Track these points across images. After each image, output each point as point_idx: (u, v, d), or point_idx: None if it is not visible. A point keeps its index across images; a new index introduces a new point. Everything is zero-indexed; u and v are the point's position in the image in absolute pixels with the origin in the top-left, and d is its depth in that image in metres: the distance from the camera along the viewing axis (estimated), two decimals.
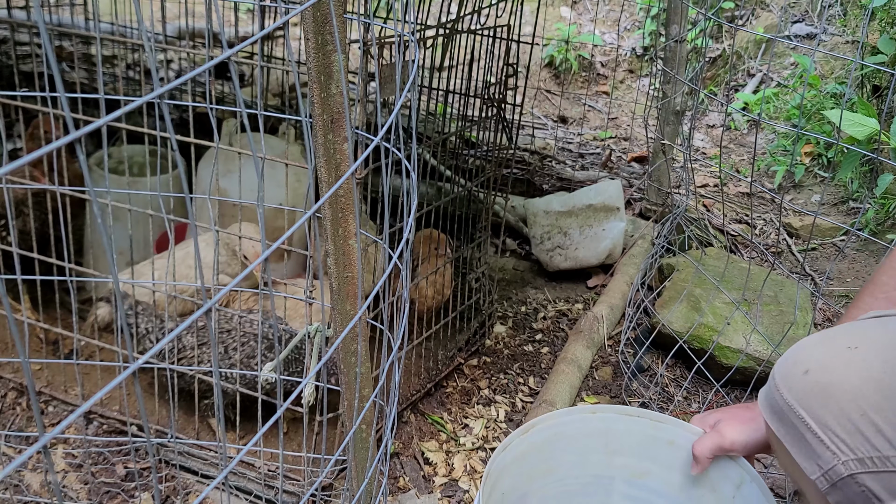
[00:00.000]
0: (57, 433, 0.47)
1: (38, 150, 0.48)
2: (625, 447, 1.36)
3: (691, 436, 1.29)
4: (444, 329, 2.06)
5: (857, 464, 0.91)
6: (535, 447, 1.32)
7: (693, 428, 1.30)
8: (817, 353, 0.98)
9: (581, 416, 1.35)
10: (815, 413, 0.94)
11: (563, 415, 1.34)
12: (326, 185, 1.12)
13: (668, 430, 1.32)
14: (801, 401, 0.95)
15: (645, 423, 1.34)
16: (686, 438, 1.30)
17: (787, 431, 0.98)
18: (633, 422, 1.34)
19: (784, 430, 0.98)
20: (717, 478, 1.28)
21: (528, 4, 2.52)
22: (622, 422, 1.35)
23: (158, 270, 1.85)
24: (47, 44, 0.49)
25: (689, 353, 2.13)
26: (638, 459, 1.36)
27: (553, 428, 1.33)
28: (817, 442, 0.94)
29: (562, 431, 1.34)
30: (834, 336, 1.00)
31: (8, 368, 1.94)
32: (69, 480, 1.68)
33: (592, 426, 1.35)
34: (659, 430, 1.33)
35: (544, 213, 2.61)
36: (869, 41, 3.38)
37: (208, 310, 0.57)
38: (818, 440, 0.94)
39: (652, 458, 1.35)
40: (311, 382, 1.56)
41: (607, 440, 1.36)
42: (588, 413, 1.35)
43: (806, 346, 1.01)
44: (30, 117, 2.12)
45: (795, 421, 0.96)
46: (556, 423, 1.33)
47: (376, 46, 1.38)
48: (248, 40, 0.68)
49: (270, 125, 2.73)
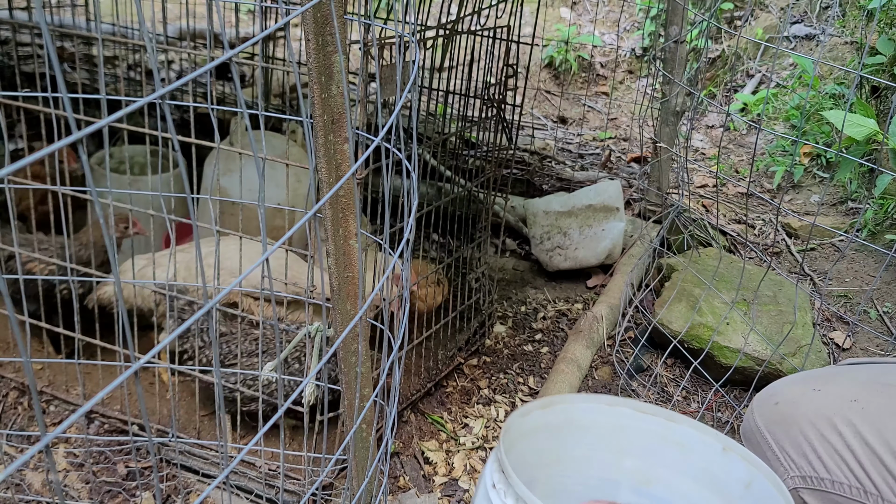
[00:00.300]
0: (59, 433, 0.47)
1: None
2: (634, 448, 1.35)
3: (703, 436, 1.29)
4: (444, 329, 2.06)
5: (800, 480, 1.12)
6: (551, 427, 1.32)
7: (707, 428, 1.30)
8: (790, 389, 1.22)
9: (598, 406, 1.35)
10: (776, 436, 1.16)
11: (582, 400, 1.35)
12: (327, 185, 1.12)
13: (679, 431, 1.32)
14: (768, 426, 1.19)
15: (658, 421, 1.33)
16: (697, 440, 1.29)
17: (754, 450, 1.19)
18: (646, 420, 1.34)
19: (751, 449, 1.21)
20: (724, 479, 1.27)
21: (527, 5, 2.52)
22: (635, 419, 1.34)
23: (161, 268, 1.86)
24: (49, 44, 0.50)
25: (687, 353, 2.13)
26: (646, 463, 1.35)
27: (570, 412, 1.33)
28: (775, 460, 1.16)
29: (577, 418, 1.34)
30: (809, 377, 1.23)
31: (10, 368, 1.94)
32: (70, 479, 1.68)
33: (606, 419, 1.35)
34: (670, 431, 1.33)
35: (544, 214, 2.62)
36: (868, 42, 3.39)
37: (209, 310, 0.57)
38: (776, 458, 1.15)
39: (660, 462, 1.34)
40: (311, 382, 1.56)
41: (618, 438, 1.35)
42: (605, 404, 1.35)
43: (785, 382, 1.25)
44: (31, 118, 2.13)
45: (761, 441, 1.19)
46: (573, 408, 1.33)
47: (377, 47, 1.39)
48: (249, 41, 0.68)
49: (271, 125, 2.74)
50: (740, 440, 1.94)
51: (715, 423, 2.03)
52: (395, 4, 1.04)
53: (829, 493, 1.07)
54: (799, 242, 2.99)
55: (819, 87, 3.70)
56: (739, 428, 1.29)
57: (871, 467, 1.03)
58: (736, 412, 2.04)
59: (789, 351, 2.09)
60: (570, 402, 1.33)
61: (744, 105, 4.04)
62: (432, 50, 1.92)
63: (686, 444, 1.31)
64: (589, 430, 1.35)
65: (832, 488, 1.07)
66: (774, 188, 3.38)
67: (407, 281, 1.02)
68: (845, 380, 1.16)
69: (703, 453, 1.31)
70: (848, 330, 2.41)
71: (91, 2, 3.03)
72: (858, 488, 1.04)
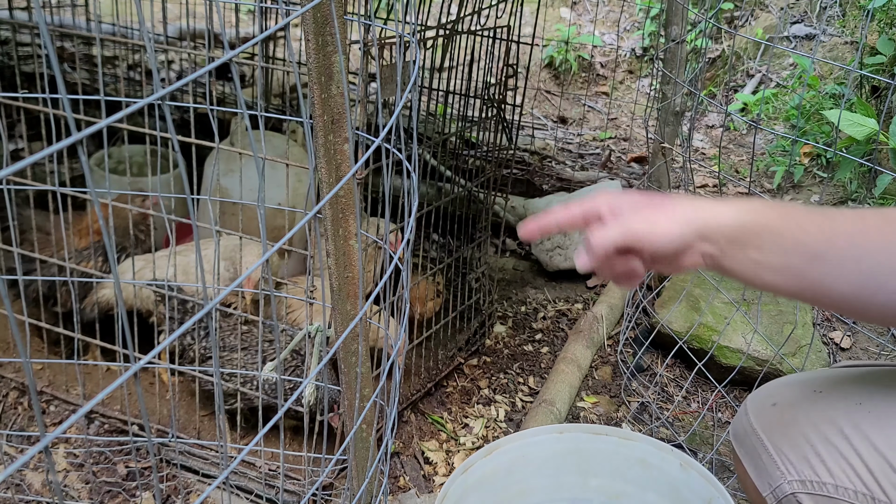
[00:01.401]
0: (59, 433, 0.47)
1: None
2: (598, 468, 1.35)
3: (660, 452, 1.30)
4: (445, 329, 2.06)
5: (799, 484, 1.06)
6: (502, 469, 1.31)
7: (663, 445, 1.31)
8: (787, 390, 1.15)
9: (549, 437, 1.34)
10: (773, 439, 1.10)
11: (530, 435, 1.33)
12: (327, 185, 1.12)
13: (637, 447, 1.33)
14: (765, 428, 1.12)
15: (613, 440, 1.33)
16: (657, 456, 1.31)
17: (747, 452, 1.14)
18: (602, 440, 1.34)
19: (744, 451, 1.14)
20: (686, 496, 1.28)
21: (527, 5, 2.52)
22: (591, 441, 1.34)
23: (161, 270, 1.86)
24: (49, 45, 0.50)
25: (689, 353, 2.13)
26: (612, 480, 1.36)
27: (519, 449, 1.32)
28: (771, 463, 1.09)
29: (530, 453, 1.33)
30: (805, 380, 1.17)
31: (10, 368, 1.94)
32: (70, 480, 1.68)
33: (562, 446, 1.34)
34: (629, 449, 1.33)
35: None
36: (868, 41, 3.39)
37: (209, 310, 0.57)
38: (773, 461, 1.09)
39: (625, 479, 1.35)
40: (311, 382, 1.56)
41: (579, 460, 1.35)
42: (555, 434, 1.34)
43: (780, 383, 1.19)
44: (31, 118, 2.13)
45: (756, 443, 1.12)
46: (522, 444, 1.32)
47: (377, 47, 1.39)
48: (249, 42, 0.68)
49: (271, 125, 2.74)
50: None
51: (715, 423, 2.03)
52: (395, 4, 1.04)
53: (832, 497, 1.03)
54: None
55: (819, 87, 3.70)
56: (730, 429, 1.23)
57: (880, 473, 0.99)
58: (736, 413, 2.04)
59: (789, 351, 2.09)
60: (516, 440, 1.33)
61: (744, 105, 4.04)
62: (432, 50, 1.92)
63: (647, 460, 1.32)
64: (547, 459, 1.34)
65: (836, 493, 1.03)
66: (775, 188, 3.38)
67: (407, 281, 1.02)
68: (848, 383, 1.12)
69: (665, 469, 1.32)
70: (847, 330, 2.41)
71: (91, 2, 3.03)
72: (865, 494, 0.99)
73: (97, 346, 1.86)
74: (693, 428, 1.98)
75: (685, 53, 2.71)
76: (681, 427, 2.01)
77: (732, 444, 1.19)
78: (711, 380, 2.08)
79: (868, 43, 3.39)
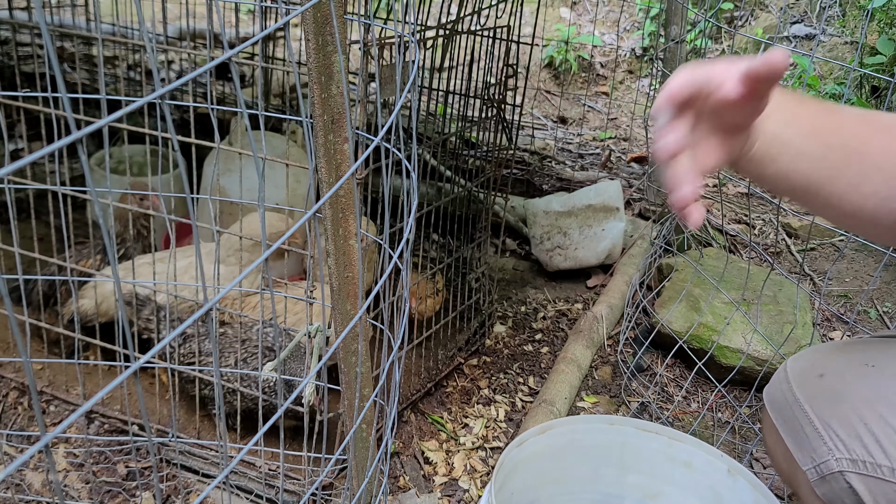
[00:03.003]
0: (58, 433, 0.47)
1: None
2: (639, 465, 1.33)
3: (710, 457, 1.27)
4: (444, 329, 2.06)
5: (849, 463, 1.00)
6: (550, 451, 1.30)
7: (712, 449, 1.28)
8: (835, 361, 1.09)
9: (598, 426, 1.33)
10: (821, 412, 1.04)
11: (581, 422, 1.33)
12: (327, 185, 1.12)
13: (685, 450, 1.29)
14: (811, 400, 1.06)
15: (662, 440, 1.31)
16: (704, 461, 1.27)
17: (786, 422, 1.08)
18: (651, 438, 1.31)
19: (782, 421, 1.09)
20: (729, 501, 1.26)
21: (527, 5, 2.52)
22: (639, 437, 1.32)
23: (160, 275, 1.86)
24: (49, 44, 0.50)
25: (689, 352, 2.13)
26: (652, 479, 1.33)
27: (569, 434, 1.31)
28: (816, 437, 1.03)
29: (577, 439, 1.32)
30: (851, 350, 1.10)
31: (10, 368, 1.94)
32: (70, 480, 1.68)
33: (608, 438, 1.32)
34: (676, 450, 1.30)
35: (544, 214, 2.62)
36: (868, 41, 3.39)
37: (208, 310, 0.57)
38: (818, 436, 1.03)
39: (667, 480, 1.32)
40: (311, 382, 1.56)
41: (622, 455, 1.33)
42: (606, 424, 1.33)
43: (823, 351, 1.13)
44: (31, 118, 2.13)
45: (799, 415, 1.06)
46: (572, 430, 1.31)
47: (377, 47, 1.39)
48: (249, 41, 0.68)
49: (271, 125, 2.74)
50: (741, 440, 1.95)
51: (715, 423, 2.03)
52: (395, 4, 1.04)
53: (887, 481, 0.96)
54: (799, 242, 2.99)
55: (819, 87, 3.70)
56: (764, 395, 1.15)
57: None
58: (736, 413, 2.04)
59: (789, 351, 2.09)
60: (568, 423, 1.32)
61: None
62: (432, 50, 1.92)
63: (691, 462, 1.30)
64: (591, 449, 1.33)
65: (891, 477, 0.96)
66: None
67: (407, 281, 1.02)
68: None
69: (709, 473, 1.29)
70: (846, 329, 2.41)
71: (91, 2, 3.03)
72: None
73: (97, 346, 1.86)
74: (693, 428, 1.98)
75: (685, 53, 2.71)
76: (681, 427, 2.01)
77: (767, 410, 1.13)
78: (711, 379, 2.08)
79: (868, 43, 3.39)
